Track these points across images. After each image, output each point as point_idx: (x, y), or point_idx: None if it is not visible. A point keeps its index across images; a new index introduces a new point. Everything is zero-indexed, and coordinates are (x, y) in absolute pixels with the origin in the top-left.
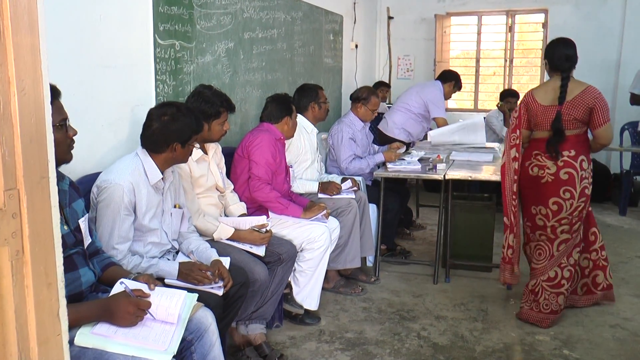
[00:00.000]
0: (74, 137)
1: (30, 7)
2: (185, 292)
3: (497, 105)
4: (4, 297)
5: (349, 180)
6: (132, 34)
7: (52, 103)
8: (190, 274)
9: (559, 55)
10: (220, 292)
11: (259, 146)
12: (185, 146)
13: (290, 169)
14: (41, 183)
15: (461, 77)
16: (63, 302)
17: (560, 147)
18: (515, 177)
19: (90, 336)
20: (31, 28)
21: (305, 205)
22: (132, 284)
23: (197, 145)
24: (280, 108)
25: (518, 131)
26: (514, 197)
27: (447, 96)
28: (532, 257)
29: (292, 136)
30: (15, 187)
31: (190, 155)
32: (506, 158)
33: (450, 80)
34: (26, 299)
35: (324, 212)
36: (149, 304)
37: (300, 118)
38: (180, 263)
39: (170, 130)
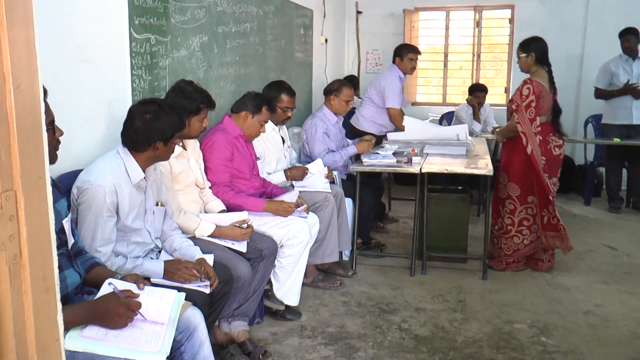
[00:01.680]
0: (59, 138)
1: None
2: (175, 291)
3: (466, 100)
4: (1, 303)
5: (318, 161)
6: (108, 27)
7: None
8: (176, 273)
9: (546, 51)
10: (207, 290)
11: (211, 149)
12: (167, 144)
13: (258, 161)
14: (38, 184)
15: (410, 46)
16: (59, 306)
17: None
18: (544, 159)
19: (80, 340)
20: (26, 21)
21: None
22: (120, 284)
23: (180, 142)
24: (246, 102)
25: (538, 119)
26: (547, 175)
27: (407, 70)
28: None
29: (252, 137)
30: (12, 188)
31: (172, 152)
32: (532, 146)
33: (399, 54)
34: (24, 305)
35: (304, 207)
36: (139, 304)
37: None
38: (165, 262)
39: (153, 128)
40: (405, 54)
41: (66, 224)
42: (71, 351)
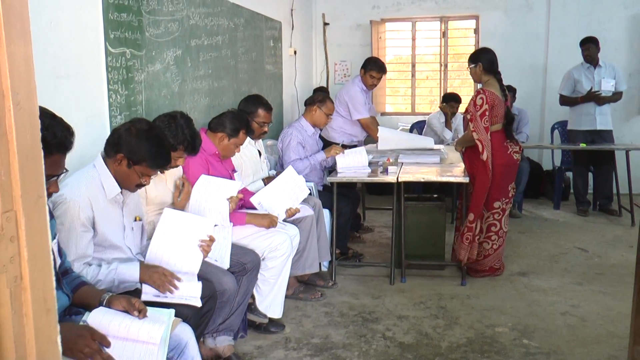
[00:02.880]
0: None
1: (22, 14)
2: (168, 311)
3: (440, 107)
4: (2, 326)
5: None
6: (83, 41)
7: None
8: (152, 277)
9: (494, 60)
10: (198, 304)
11: (187, 171)
12: (130, 167)
13: (235, 173)
14: (38, 203)
15: (376, 64)
16: (58, 329)
17: None
18: (505, 165)
19: None
20: (24, 37)
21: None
22: (105, 316)
23: (145, 183)
24: (225, 123)
25: (492, 127)
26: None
27: (367, 84)
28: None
29: (227, 157)
30: (12, 208)
31: (133, 185)
32: (487, 153)
33: (364, 66)
34: (25, 328)
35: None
36: (108, 344)
37: None
38: (142, 266)
39: (127, 140)
40: (368, 69)
41: (54, 245)
42: None
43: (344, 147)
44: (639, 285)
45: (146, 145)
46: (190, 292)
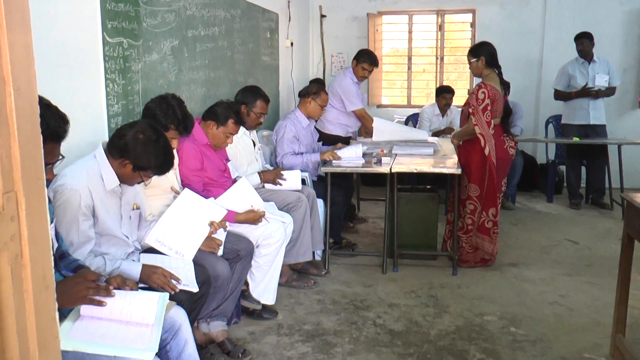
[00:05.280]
0: None
1: (23, 5)
2: (158, 293)
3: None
4: (3, 302)
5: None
6: (81, 31)
7: None
8: (151, 277)
9: (495, 54)
10: (196, 289)
11: (180, 159)
12: (135, 171)
13: (228, 163)
14: (37, 184)
15: (369, 55)
16: (56, 305)
17: None
18: (501, 159)
19: (69, 340)
20: (24, 26)
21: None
22: None
23: (147, 182)
24: (216, 111)
25: (492, 121)
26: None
27: (358, 76)
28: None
29: (218, 147)
30: (12, 189)
31: (134, 184)
32: (489, 147)
33: (356, 58)
34: (25, 303)
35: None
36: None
37: None
38: (143, 265)
39: (133, 148)
40: (360, 61)
41: (52, 229)
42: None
43: (339, 139)
44: (622, 276)
45: (153, 155)
46: (187, 280)
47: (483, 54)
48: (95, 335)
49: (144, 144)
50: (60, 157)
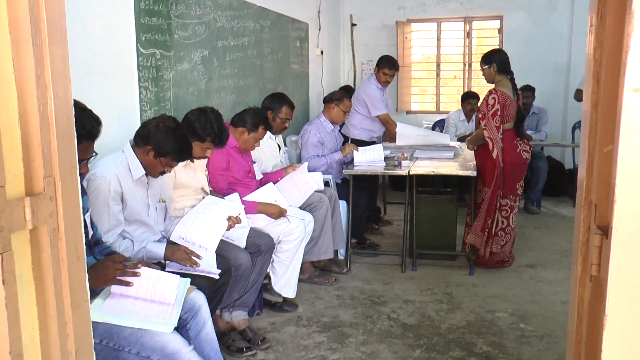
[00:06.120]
0: None
1: (61, 24)
2: (179, 276)
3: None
4: (44, 267)
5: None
6: (116, 43)
7: None
8: (174, 253)
9: (507, 60)
10: (216, 276)
11: (209, 159)
12: (156, 158)
13: (254, 164)
14: (71, 172)
15: (388, 60)
16: (86, 274)
17: None
18: (514, 163)
19: (100, 313)
20: (62, 41)
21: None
22: None
23: (168, 171)
24: (245, 118)
25: (502, 126)
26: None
27: (381, 82)
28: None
29: (247, 151)
30: (51, 174)
31: (157, 173)
32: (497, 151)
33: (377, 64)
34: (61, 270)
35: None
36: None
37: None
38: (167, 245)
39: (155, 135)
40: (381, 67)
41: (87, 217)
42: (93, 322)
43: (364, 143)
44: None
45: (172, 141)
46: (209, 267)
47: (495, 61)
48: (122, 310)
49: (164, 131)
50: (94, 154)
